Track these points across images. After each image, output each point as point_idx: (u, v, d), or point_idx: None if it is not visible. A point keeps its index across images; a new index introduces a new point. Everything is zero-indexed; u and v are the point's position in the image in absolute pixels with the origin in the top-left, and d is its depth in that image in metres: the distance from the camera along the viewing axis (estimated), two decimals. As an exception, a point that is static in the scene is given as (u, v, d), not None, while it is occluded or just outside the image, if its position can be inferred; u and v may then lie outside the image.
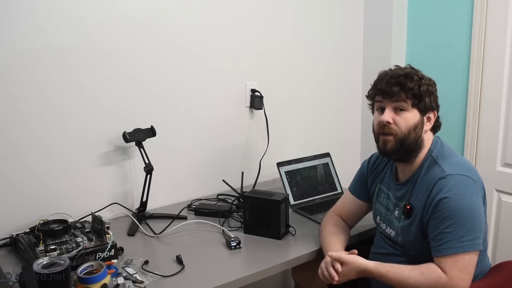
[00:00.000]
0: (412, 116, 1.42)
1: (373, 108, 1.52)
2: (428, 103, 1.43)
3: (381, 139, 1.46)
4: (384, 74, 1.48)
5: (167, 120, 1.98)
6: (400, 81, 1.41)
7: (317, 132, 2.53)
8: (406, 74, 1.43)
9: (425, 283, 1.32)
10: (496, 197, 2.22)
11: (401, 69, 1.47)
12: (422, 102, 1.42)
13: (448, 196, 1.33)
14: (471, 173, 1.39)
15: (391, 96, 1.42)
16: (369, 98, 1.52)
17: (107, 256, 1.45)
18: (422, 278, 1.33)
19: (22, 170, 1.67)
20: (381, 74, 1.49)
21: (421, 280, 1.32)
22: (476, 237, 1.33)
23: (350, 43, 2.57)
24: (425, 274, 1.33)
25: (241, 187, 2.10)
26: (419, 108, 1.43)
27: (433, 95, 1.45)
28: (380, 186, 1.62)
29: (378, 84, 1.46)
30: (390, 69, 1.49)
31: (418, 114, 1.43)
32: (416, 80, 1.42)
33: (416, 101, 1.42)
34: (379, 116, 1.46)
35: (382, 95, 1.44)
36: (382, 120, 1.43)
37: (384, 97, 1.44)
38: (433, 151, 1.46)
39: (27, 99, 1.65)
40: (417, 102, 1.42)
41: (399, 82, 1.41)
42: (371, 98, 1.51)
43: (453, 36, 2.28)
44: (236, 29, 2.12)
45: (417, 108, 1.42)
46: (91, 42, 1.75)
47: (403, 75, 1.43)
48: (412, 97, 1.41)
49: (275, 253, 1.58)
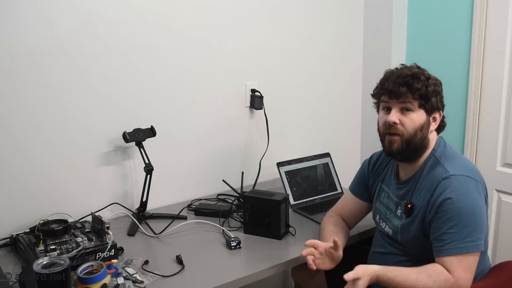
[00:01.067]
0: (418, 117, 1.40)
1: (378, 107, 1.50)
2: (435, 103, 1.42)
3: (387, 139, 1.44)
4: (390, 74, 1.45)
5: (167, 120, 1.98)
6: (407, 82, 1.39)
7: (317, 132, 2.53)
8: (413, 74, 1.40)
9: (434, 286, 1.30)
10: (496, 197, 2.22)
11: (408, 69, 1.44)
12: (429, 103, 1.40)
13: (451, 197, 1.33)
14: (474, 174, 1.39)
15: (398, 97, 1.39)
16: (375, 97, 1.50)
17: (107, 256, 1.45)
18: (430, 281, 1.30)
19: (22, 170, 1.67)
20: (387, 73, 1.46)
21: (429, 283, 1.30)
22: (479, 237, 1.33)
23: (350, 43, 2.57)
24: (433, 277, 1.31)
25: (241, 187, 2.10)
26: (425, 108, 1.41)
27: (439, 95, 1.44)
28: (381, 185, 1.61)
29: (384, 83, 1.44)
30: (397, 68, 1.46)
31: (425, 114, 1.41)
32: (423, 81, 1.40)
33: (423, 101, 1.40)
34: (385, 116, 1.44)
35: (388, 95, 1.42)
36: (388, 120, 1.41)
37: (391, 97, 1.41)
38: (436, 151, 1.45)
39: (27, 99, 1.65)
40: (424, 102, 1.40)
41: (406, 82, 1.39)
42: (376, 97, 1.49)
43: (453, 36, 2.28)
44: (236, 29, 2.12)
45: (424, 109, 1.41)
46: (91, 42, 1.75)
47: (410, 75, 1.40)
48: (419, 98, 1.39)
49: (275, 253, 1.58)
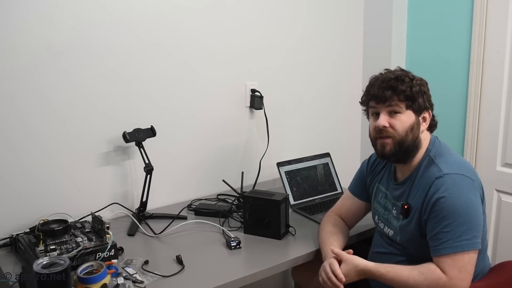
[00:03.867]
0: (407, 118, 1.42)
1: (368, 114, 1.53)
2: (422, 103, 1.44)
3: (379, 143, 1.46)
4: (375, 79, 1.48)
5: (167, 120, 1.98)
6: (391, 85, 1.41)
7: (317, 132, 2.53)
8: (397, 77, 1.43)
9: (425, 283, 1.32)
10: (496, 197, 2.22)
11: (391, 72, 1.47)
12: (415, 103, 1.42)
13: (445, 196, 1.34)
14: (468, 172, 1.39)
15: (384, 101, 1.42)
16: (363, 104, 1.53)
17: (107, 256, 1.45)
18: (421, 278, 1.33)
19: (22, 170, 1.67)
20: (372, 80, 1.49)
21: (420, 280, 1.33)
22: (474, 236, 1.33)
23: (350, 43, 2.57)
24: (425, 274, 1.33)
25: (241, 187, 2.10)
26: (413, 109, 1.43)
27: (425, 95, 1.46)
28: (379, 185, 1.62)
29: (370, 89, 1.47)
30: (381, 73, 1.49)
31: (413, 115, 1.43)
32: (408, 82, 1.42)
33: (410, 102, 1.42)
34: (374, 121, 1.47)
35: (375, 100, 1.45)
36: (378, 125, 1.43)
37: (378, 102, 1.44)
38: (430, 151, 1.46)
39: (27, 99, 1.65)
40: (411, 103, 1.42)
41: (391, 85, 1.41)
42: (364, 104, 1.52)
43: (453, 36, 2.28)
44: (236, 29, 2.12)
45: (412, 109, 1.43)
46: (91, 43, 1.75)
47: (394, 78, 1.43)
48: (405, 99, 1.41)
49: (275, 253, 1.58)
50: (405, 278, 1.35)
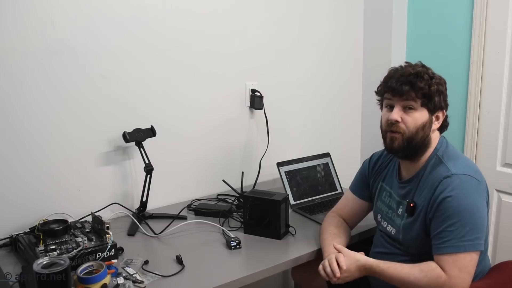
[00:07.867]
0: (421, 116, 1.41)
1: (382, 104, 1.52)
2: (438, 103, 1.42)
3: (388, 136, 1.45)
4: (394, 72, 1.45)
5: (167, 120, 1.98)
6: (410, 80, 1.40)
7: (317, 132, 2.53)
8: (417, 73, 1.41)
9: (424, 280, 1.32)
10: (496, 197, 2.22)
11: (412, 67, 1.44)
12: (431, 102, 1.41)
13: (452, 195, 1.33)
14: (476, 174, 1.39)
15: (401, 95, 1.41)
16: (378, 95, 1.51)
17: (107, 256, 1.45)
18: (422, 275, 1.33)
19: (22, 170, 1.67)
20: (391, 71, 1.47)
21: (421, 277, 1.33)
22: (478, 237, 1.33)
23: (350, 43, 2.57)
24: (425, 271, 1.33)
25: (241, 187, 2.10)
26: (428, 107, 1.42)
27: (442, 94, 1.44)
28: (382, 184, 1.61)
29: (388, 81, 1.45)
30: (401, 66, 1.47)
31: (427, 113, 1.42)
32: (427, 80, 1.40)
33: (426, 100, 1.40)
34: (387, 113, 1.45)
35: (391, 93, 1.43)
36: (390, 118, 1.43)
37: (394, 95, 1.42)
38: (438, 150, 1.46)
39: (27, 99, 1.65)
40: (427, 101, 1.41)
41: (409, 81, 1.40)
42: (380, 94, 1.50)
43: (453, 36, 2.29)
44: (236, 29, 2.12)
45: (426, 108, 1.42)
46: (93, 42, 1.75)
47: (414, 74, 1.41)
48: (422, 96, 1.40)
49: (275, 253, 1.58)
50: (405, 275, 1.35)
